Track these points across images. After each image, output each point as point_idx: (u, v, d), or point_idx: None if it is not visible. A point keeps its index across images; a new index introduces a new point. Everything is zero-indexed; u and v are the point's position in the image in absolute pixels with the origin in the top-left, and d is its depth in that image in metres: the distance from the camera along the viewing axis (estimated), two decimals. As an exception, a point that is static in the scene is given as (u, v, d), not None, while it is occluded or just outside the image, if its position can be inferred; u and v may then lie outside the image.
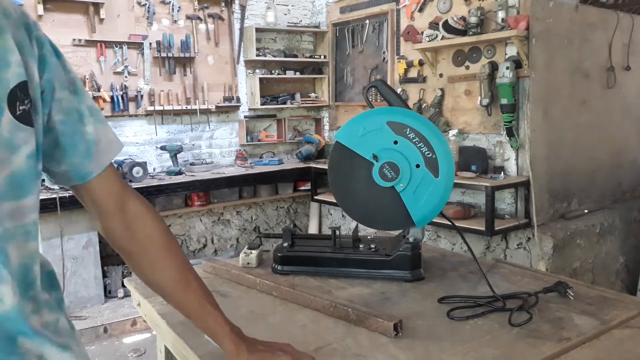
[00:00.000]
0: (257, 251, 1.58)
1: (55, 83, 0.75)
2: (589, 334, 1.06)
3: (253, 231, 4.96)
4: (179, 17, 4.51)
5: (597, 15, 3.80)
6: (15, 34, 0.68)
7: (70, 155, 0.77)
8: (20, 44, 0.69)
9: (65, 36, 4.00)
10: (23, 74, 0.68)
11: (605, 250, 3.71)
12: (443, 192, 1.35)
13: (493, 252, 3.63)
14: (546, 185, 3.52)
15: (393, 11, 4.44)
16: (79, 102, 0.79)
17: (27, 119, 0.68)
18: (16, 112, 0.66)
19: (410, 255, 1.41)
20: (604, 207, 3.89)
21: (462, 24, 3.62)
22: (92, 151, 0.79)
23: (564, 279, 1.33)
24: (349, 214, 1.44)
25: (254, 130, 5.05)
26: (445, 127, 3.87)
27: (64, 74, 0.77)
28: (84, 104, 0.79)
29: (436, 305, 1.25)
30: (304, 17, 5.31)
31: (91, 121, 0.80)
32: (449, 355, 1.00)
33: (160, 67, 4.44)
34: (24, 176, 0.68)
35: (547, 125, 3.52)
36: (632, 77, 4.11)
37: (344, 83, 5.06)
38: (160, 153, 4.48)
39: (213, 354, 1.04)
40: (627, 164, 4.19)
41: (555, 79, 3.54)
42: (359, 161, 1.38)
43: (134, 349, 3.41)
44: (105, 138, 0.81)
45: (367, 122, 1.37)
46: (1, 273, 0.65)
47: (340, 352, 1.02)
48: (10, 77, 0.66)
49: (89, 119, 0.79)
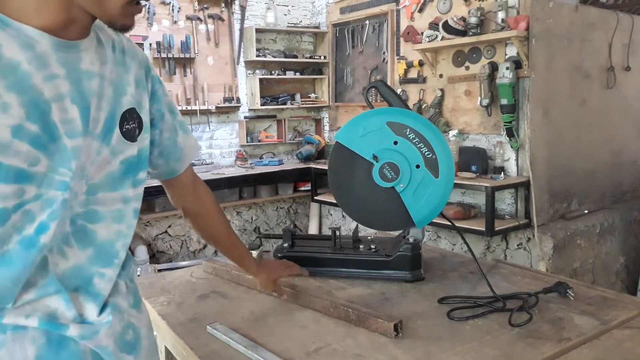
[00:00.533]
0: (257, 252, 1.58)
1: (163, 109, 1.01)
2: (589, 334, 1.06)
3: (253, 232, 4.96)
4: (179, 18, 4.51)
5: (597, 16, 3.80)
6: (137, 73, 0.92)
7: (168, 161, 1.06)
8: (138, 80, 0.93)
9: (66, 37, 4.00)
10: (133, 102, 0.90)
11: (606, 251, 3.71)
12: (443, 192, 1.35)
13: (493, 252, 3.63)
14: (546, 186, 3.52)
15: (393, 12, 4.44)
16: (174, 119, 1.04)
17: (129, 136, 0.89)
18: (122, 129, 0.88)
19: (410, 255, 1.41)
20: (604, 207, 3.89)
21: (462, 25, 3.63)
22: (181, 157, 1.07)
23: (564, 279, 1.33)
24: (349, 214, 1.44)
25: (254, 130, 5.05)
26: (445, 127, 3.87)
27: (166, 99, 1.02)
28: (177, 120, 1.05)
29: (436, 305, 1.25)
30: (304, 18, 5.31)
31: (181, 133, 1.05)
32: (449, 356, 1.00)
33: (160, 68, 4.44)
34: (115, 175, 0.88)
35: (547, 125, 3.52)
36: (632, 77, 4.11)
37: (344, 83, 5.06)
38: (161, 153, 4.48)
39: (213, 354, 1.04)
40: (627, 164, 4.19)
41: (555, 79, 3.54)
42: (359, 162, 1.38)
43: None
44: (189, 145, 1.08)
45: (367, 122, 1.37)
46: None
47: (340, 352, 1.02)
48: (124, 102, 0.88)
49: (179, 132, 1.05)
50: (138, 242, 4.20)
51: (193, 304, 1.32)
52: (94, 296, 0.84)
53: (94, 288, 0.85)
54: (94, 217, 0.85)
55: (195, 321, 1.20)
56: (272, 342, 1.07)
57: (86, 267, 0.84)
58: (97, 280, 0.85)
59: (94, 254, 0.85)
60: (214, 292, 1.39)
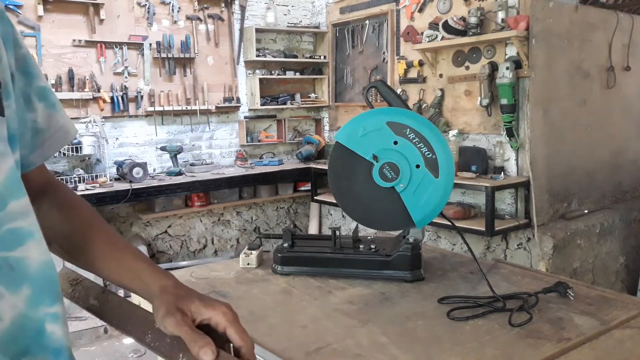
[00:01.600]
0: (257, 252, 1.58)
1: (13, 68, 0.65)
2: (589, 334, 1.06)
3: (253, 232, 4.96)
4: (179, 18, 4.51)
5: (597, 16, 3.80)
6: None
7: (18, 146, 0.65)
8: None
9: (65, 37, 4.00)
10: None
11: (606, 251, 3.71)
12: (443, 192, 1.35)
13: (493, 252, 3.63)
14: (546, 186, 3.52)
15: (393, 11, 4.44)
16: (28, 84, 0.68)
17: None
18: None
19: (410, 255, 1.41)
20: (604, 207, 3.89)
21: (462, 24, 3.63)
22: (35, 142, 0.70)
23: (564, 279, 1.33)
24: (349, 214, 1.44)
25: (254, 130, 5.05)
26: (445, 127, 3.87)
27: (21, 52, 0.67)
28: (34, 87, 0.69)
29: (436, 305, 1.25)
30: (303, 18, 5.31)
31: (40, 106, 0.70)
32: (449, 356, 1.00)
33: (160, 68, 4.44)
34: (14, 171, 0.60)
35: (547, 125, 3.52)
36: (632, 77, 4.11)
37: (344, 83, 5.06)
38: (160, 154, 4.49)
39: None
40: (627, 164, 4.19)
41: (555, 79, 3.55)
42: (359, 161, 1.38)
43: (134, 349, 3.41)
44: (53, 125, 0.71)
45: (367, 122, 1.37)
46: None
47: (340, 352, 1.02)
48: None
49: (36, 103, 0.69)
50: (138, 242, 4.20)
51: (193, 304, 1.31)
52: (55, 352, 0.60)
53: (49, 340, 0.59)
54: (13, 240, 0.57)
55: (195, 321, 1.20)
56: (272, 342, 1.07)
57: (30, 315, 0.58)
58: (51, 326, 0.60)
59: (33, 291, 0.58)
60: (214, 292, 1.39)
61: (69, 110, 4.06)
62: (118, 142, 4.34)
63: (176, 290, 0.65)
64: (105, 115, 4.17)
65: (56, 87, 3.95)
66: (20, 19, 3.82)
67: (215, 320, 0.63)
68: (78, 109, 4.07)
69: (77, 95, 4.02)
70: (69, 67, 4.02)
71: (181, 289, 0.66)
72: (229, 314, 0.63)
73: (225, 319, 0.63)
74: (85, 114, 4.08)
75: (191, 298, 0.64)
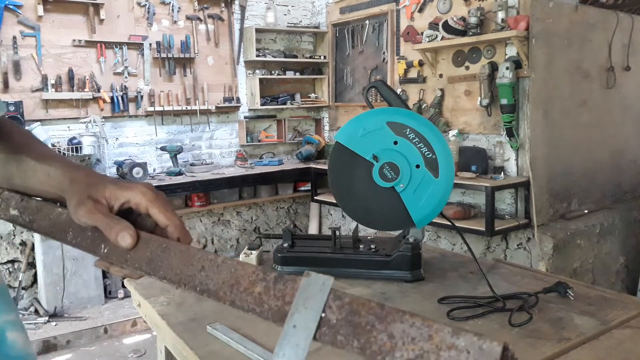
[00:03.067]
0: (257, 252, 1.58)
1: None
2: (589, 334, 1.06)
3: (253, 232, 4.96)
4: (178, 18, 4.51)
5: (597, 16, 3.80)
6: None
7: None
8: None
9: (65, 37, 4.00)
10: None
11: (606, 251, 3.71)
12: (443, 192, 1.35)
13: (493, 252, 3.63)
14: (546, 186, 3.52)
15: (393, 11, 4.44)
16: None
17: None
18: None
19: (410, 255, 1.41)
20: (604, 207, 3.89)
21: (462, 25, 3.63)
22: None
23: (564, 279, 1.33)
24: (349, 214, 1.44)
25: (254, 130, 5.05)
26: (445, 127, 3.87)
27: None
28: None
29: (436, 305, 1.25)
30: (303, 18, 5.31)
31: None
32: (449, 356, 1.00)
33: (160, 68, 4.44)
34: None
35: (547, 125, 3.51)
36: (632, 77, 4.11)
37: (344, 83, 5.06)
38: (160, 154, 4.48)
39: (213, 354, 1.04)
40: (627, 164, 4.19)
41: (555, 79, 3.54)
42: (359, 161, 1.38)
43: (134, 349, 3.41)
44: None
45: (367, 122, 1.37)
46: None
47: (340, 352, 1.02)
48: None
49: None
50: (138, 242, 4.20)
51: (193, 304, 1.32)
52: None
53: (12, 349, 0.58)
54: None
55: (195, 321, 1.20)
56: (272, 342, 1.07)
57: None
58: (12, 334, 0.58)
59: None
60: (214, 292, 1.39)
61: (69, 110, 4.06)
62: (118, 142, 4.34)
63: (87, 179, 0.59)
64: (105, 115, 4.17)
65: (56, 87, 3.95)
66: (20, 19, 3.82)
67: (135, 201, 0.56)
68: (78, 109, 4.07)
69: (77, 95, 4.02)
70: (69, 67, 4.02)
71: (93, 177, 0.59)
72: (148, 193, 0.56)
73: (145, 199, 0.56)
74: (85, 114, 4.08)
75: (104, 184, 0.58)
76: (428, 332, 0.39)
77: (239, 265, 0.49)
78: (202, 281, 0.51)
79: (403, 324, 0.40)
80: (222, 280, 0.50)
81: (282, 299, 0.46)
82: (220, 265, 0.50)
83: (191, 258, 0.53)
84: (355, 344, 0.43)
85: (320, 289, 0.44)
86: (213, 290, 0.50)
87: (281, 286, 0.46)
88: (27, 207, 0.67)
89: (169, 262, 0.54)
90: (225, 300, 0.49)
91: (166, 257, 0.55)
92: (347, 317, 0.43)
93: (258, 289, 0.47)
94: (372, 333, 0.42)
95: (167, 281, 0.55)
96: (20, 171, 0.66)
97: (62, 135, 4.02)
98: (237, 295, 0.49)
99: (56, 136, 3.98)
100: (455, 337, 0.38)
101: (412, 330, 0.40)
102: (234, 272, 0.49)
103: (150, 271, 0.55)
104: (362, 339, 0.42)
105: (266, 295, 0.47)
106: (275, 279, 0.47)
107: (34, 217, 0.65)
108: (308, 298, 0.44)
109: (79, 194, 0.57)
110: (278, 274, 0.47)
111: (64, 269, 3.66)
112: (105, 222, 0.54)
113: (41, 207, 0.66)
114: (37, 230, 0.65)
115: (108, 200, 0.57)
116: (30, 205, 0.67)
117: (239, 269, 0.49)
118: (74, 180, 0.59)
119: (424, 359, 0.39)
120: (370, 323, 0.42)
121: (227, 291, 0.49)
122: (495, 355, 0.36)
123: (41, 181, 0.63)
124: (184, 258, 0.54)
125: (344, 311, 0.44)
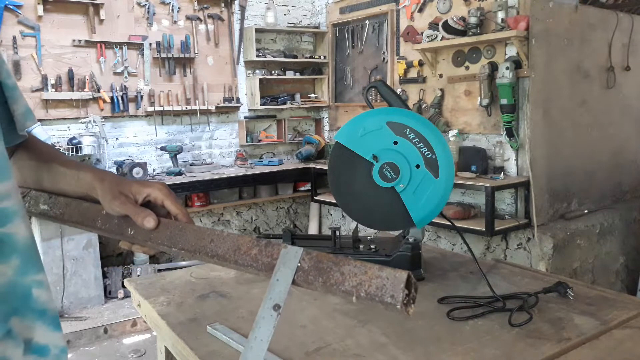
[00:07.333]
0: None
1: None
2: (589, 334, 1.06)
3: (253, 232, 4.96)
4: (178, 18, 4.51)
5: (597, 16, 3.80)
6: None
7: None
8: None
9: (65, 37, 4.00)
10: None
11: (605, 251, 3.71)
12: (443, 192, 1.35)
13: (493, 252, 3.63)
14: (546, 186, 3.52)
15: (393, 11, 4.44)
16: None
17: None
18: None
19: (410, 255, 1.41)
20: (604, 207, 3.89)
21: (461, 25, 3.63)
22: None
23: (564, 279, 1.33)
24: (349, 214, 1.44)
25: (254, 130, 5.05)
26: (445, 127, 3.87)
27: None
28: None
29: (436, 305, 1.25)
30: (303, 18, 5.31)
31: None
32: (449, 356, 1.00)
33: (160, 68, 4.44)
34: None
35: (547, 125, 3.52)
36: (632, 77, 4.11)
37: (344, 83, 5.06)
38: (160, 154, 4.49)
39: (213, 354, 1.04)
40: (627, 164, 4.19)
41: (555, 79, 3.55)
42: (358, 162, 1.38)
43: (134, 349, 3.41)
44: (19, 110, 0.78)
45: (367, 122, 1.37)
46: None
47: (340, 352, 1.02)
48: None
49: None
50: (138, 242, 4.20)
51: (193, 304, 1.32)
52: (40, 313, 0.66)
53: (35, 302, 0.65)
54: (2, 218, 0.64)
55: (195, 321, 1.20)
56: (272, 342, 1.06)
57: (19, 281, 0.64)
58: (37, 291, 0.66)
59: (22, 261, 0.65)
60: (214, 292, 1.39)
61: (69, 110, 4.06)
62: (118, 142, 4.34)
63: (116, 179, 0.78)
64: (105, 115, 4.17)
65: (56, 87, 3.95)
66: (20, 19, 3.82)
67: (154, 195, 0.76)
68: (78, 109, 4.07)
69: (77, 95, 4.02)
70: (69, 67, 4.02)
71: (119, 178, 0.79)
72: (164, 189, 0.77)
73: (161, 194, 0.76)
74: (85, 114, 4.08)
75: (130, 182, 0.77)
76: (364, 270, 0.60)
77: (239, 237, 0.69)
78: (212, 249, 0.70)
79: (349, 266, 0.61)
80: (227, 247, 0.69)
81: (271, 257, 0.65)
82: (225, 238, 0.70)
83: (202, 234, 0.72)
84: (320, 281, 0.62)
85: (294, 255, 0.64)
86: (221, 255, 0.69)
87: (270, 249, 0.65)
88: (55, 203, 0.83)
89: (186, 237, 0.73)
90: (231, 262, 0.68)
91: (183, 234, 0.73)
92: (314, 265, 0.62)
93: (254, 251, 0.67)
94: (330, 273, 0.61)
95: (185, 251, 0.73)
96: (50, 176, 0.83)
97: (62, 135, 4.02)
98: (239, 257, 0.67)
99: (56, 136, 3.98)
100: (380, 271, 0.59)
101: (355, 269, 0.60)
102: (235, 241, 0.68)
103: (171, 245, 0.73)
104: (324, 277, 0.61)
105: (260, 255, 0.66)
106: (265, 244, 0.66)
107: (64, 210, 0.82)
108: (286, 260, 0.64)
109: (112, 191, 0.75)
110: (267, 241, 0.67)
111: (63, 269, 3.66)
112: (134, 211, 0.74)
113: (69, 202, 0.82)
114: (67, 220, 0.82)
115: (134, 195, 0.75)
116: (59, 201, 0.83)
117: (239, 238, 0.69)
118: (105, 180, 0.77)
119: (362, 285, 0.59)
120: (329, 267, 0.62)
121: (231, 254, 0.68)
122: (402, 279, 0.58)
123: (69, 183, 0.81)
124: (197, 234, 0.72)
125: (312, 260, 0.63)
